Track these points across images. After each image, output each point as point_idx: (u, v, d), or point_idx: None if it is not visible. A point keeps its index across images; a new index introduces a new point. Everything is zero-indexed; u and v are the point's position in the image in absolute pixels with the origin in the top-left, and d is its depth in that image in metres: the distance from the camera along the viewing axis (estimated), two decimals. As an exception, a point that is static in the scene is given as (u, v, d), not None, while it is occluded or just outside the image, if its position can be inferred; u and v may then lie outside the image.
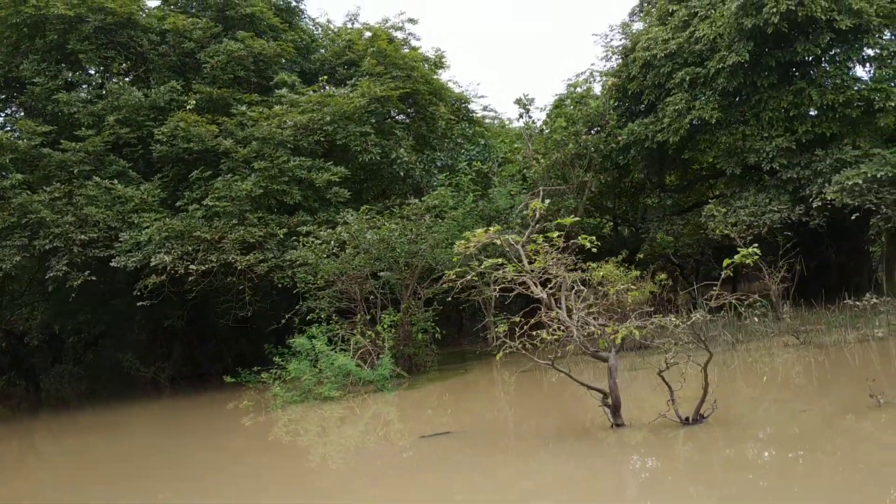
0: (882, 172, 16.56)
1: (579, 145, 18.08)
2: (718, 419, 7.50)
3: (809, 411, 7.80)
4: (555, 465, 7.11)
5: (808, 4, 16.95)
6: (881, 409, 7.07)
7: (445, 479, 7.06)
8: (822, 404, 8.32)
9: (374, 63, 20.79)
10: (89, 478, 9.64)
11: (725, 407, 8.33)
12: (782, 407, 8.34)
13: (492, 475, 7.10)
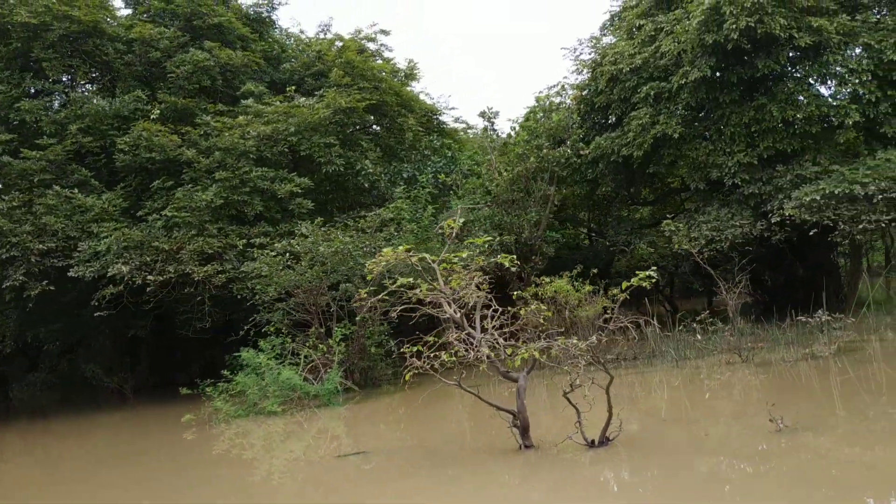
0: (839, 189, 16.62)
1: (540, 159, 18.10)
2: (624, 441, 7.47)
3: (713, 435, 7.78)
4: (449, 488, 7.05)
5: (767, 21, 17.04)
6: (781, 434, 7.05)
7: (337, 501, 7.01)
8: (729, 427, 8.27)
9: (341, 74, 20.80)
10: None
11: (637, 428, 8.34)
12: (690, 430, 8.30)
13: (386, 498, 7.04)
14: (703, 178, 19.38)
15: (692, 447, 7.42)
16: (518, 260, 19.01)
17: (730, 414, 8.93)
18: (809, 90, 17.82)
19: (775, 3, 17.30)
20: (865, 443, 6.97)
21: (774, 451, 6.80)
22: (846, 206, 16.80)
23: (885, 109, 17.85)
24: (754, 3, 16.97)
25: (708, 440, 7.51)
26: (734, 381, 10.88)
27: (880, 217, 16.47)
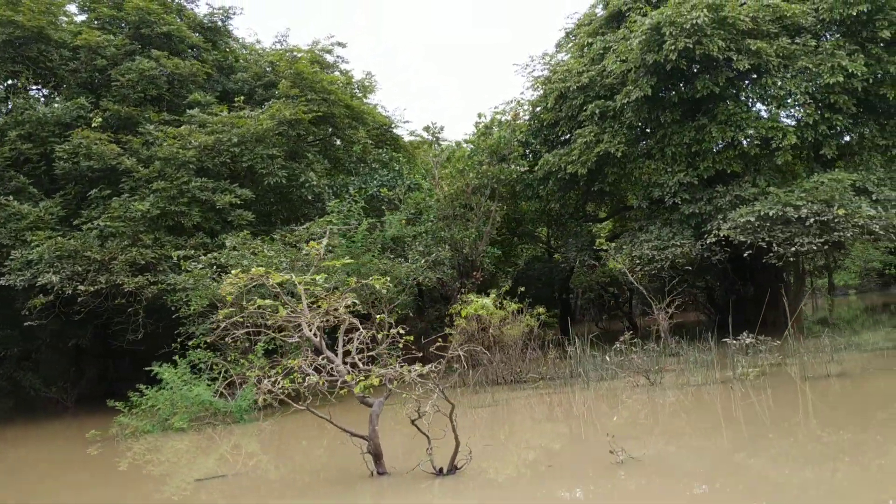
0: (773, 211, 16.69)
1: (480, 175, 18.07)
2: (473, 469, 7.36)
3: (555, 466, 7.68)
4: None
5: (705, 43, 17.15)
6: (622, 466, 6.96)
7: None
8: (574, 457, 8.15)
9: (288, 85, 20.71)
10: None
11: (491, 456, 8.26)
12: (537, 459, 8.18)
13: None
14: (646, 197, 19.44)
15: (533, 478, 7.30)
16: (458, 275, 18.99)
17: (586, 441, 8.80)
18: (749, 112, 17.91)
19: (715, 25, 17.43)
20: (704, 479, 6.90)
21: (603, 486, 6.72)
22: (781, 228, 16.87)
23: (824, 131, 18.00)
24: (693, 24, 17.09)
25: (549, 471, 7.40)
26: (626, 406, 10.80)
27: (813, 240, 16.54)
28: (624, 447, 7.29)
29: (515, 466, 7.84)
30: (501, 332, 14.08)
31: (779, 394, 10.50)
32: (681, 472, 7.07)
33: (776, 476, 6.72)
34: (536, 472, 7.59)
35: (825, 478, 6.57)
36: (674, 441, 8.56)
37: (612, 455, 7.02)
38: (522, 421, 10.72)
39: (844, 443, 7.77)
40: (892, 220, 16.50)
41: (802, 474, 6.70)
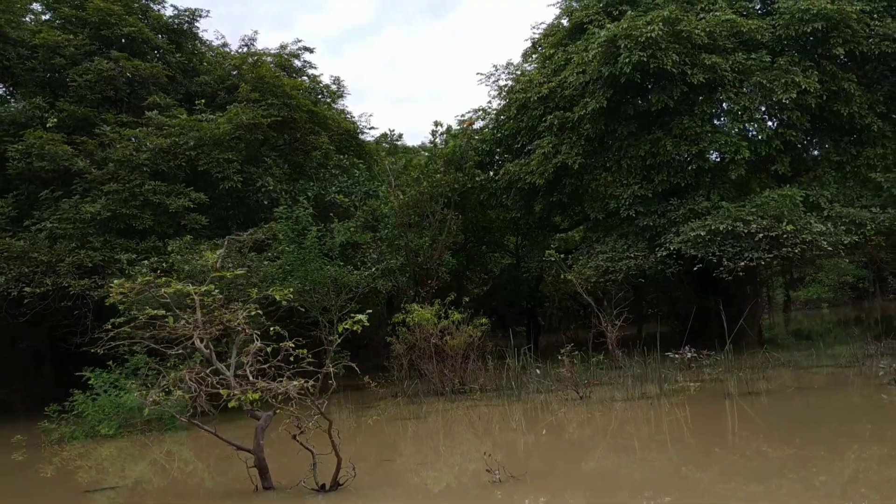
0: (723, 225, 16.73)
1: (433, 184, 18.04)
2: (358, 486, 7.29)
3: (431, 485, 7.59)
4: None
5: (659, 57, 17.19)
6: (498, 486, 6.89)
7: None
8: (456, 476, 8.06)
9: (248, 89, 20.63)
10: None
11: (382, 473, 8.22)
12: (423, 478, 8.09)
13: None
14: (602, 209, 19.45)
15: (405, 497, 7.24)
16: (414, 283, 18.93)
17: (475, 458, 8.71)
18: (703, 126, 17.95)
19: (670, 39, 17.48)
20: (576, 499, 6.92)
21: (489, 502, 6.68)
22: (731, 242, 16.90)
23: (778, 147, 18.07)
24: (648, 38, 17.13)
25: (424, 490, 7.32)
26: (542, 420, 10.76)
27: (762, 255, 16.59)
28: (508, 466, 7.22)
29: (396, 485, 7.75)
30: (443, 342, 14.03)
31: (697, 411, 10.48)
32: (556, 491, 7.00)
33: (653, 495, 6.71)
34: (411, 490, 7.50)
35: (725, 494, 6.55)
36: (567, 459, 8.56)
37: (488, 473, 6.96)
38: (436, 436, 10.65)
39: (738, 464, 7.74)
40: (841, 238, 16.56)
41: (685, 495, 6.67)
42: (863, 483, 6.50)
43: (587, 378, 12.98)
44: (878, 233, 17.12)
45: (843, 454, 7.64)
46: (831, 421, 9.34)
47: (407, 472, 8.42)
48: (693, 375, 14.09)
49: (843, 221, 17.15)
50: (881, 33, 18.20)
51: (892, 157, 18.17)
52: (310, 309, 16.75)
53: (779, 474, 6.99)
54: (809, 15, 17.80)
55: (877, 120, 18.28)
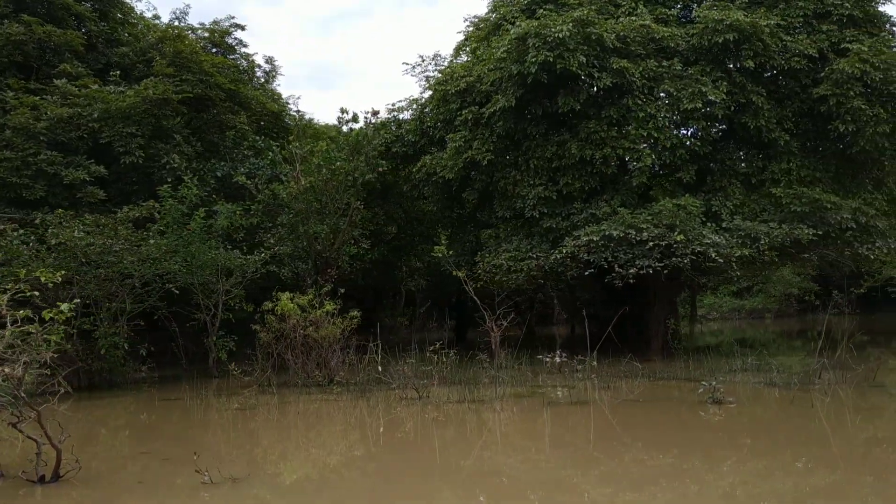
0: (617, 232, 16.67)
1: (333, 171, 17.81)
2: (82, 478, 7.11)
3: (154, 480, 7.44)
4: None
5: (566, 57, 17.04)
6: (207, 487, 6.74)
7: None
8: (183, 474, 7.81)
9: (164, 64, 20.26)
10: None
11: (120, 465, 8.08)
12: (151, 472, 7.90)
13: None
14: (510, 208, 19.33)
15: (117, 490, 7.07)
16: (314, 271, 18.72)
17: (231, 456, 8.57)
18: (608, 131, 17.83)
19: (580, 40, 17.32)
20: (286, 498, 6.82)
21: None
22: (624, 249, 16.85)
23: (683, 155, 18.02)
24: (556, 38, 16.97)
25: (142, 486, 7.16)
26: (365, 418, 10.65)
27: (653, 263, 16.55)
28: (224, 468, 7.09)
29: (115, 480, 7.51)
30: (311, 333, 13.85)
31: (516, 417, 10.42)
32: (261, 495, 6.89)
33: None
34: (121, 485, 7.29)
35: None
36: (308, 460, 8.42)
37: (198, 474, 6.82)
38: (233, 430, 10.49)
39: (522, 471, 7.66)
40: (733, 251, 16.56)
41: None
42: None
43: (437, 376, 12.84)
44: (772, 248, 17.10)
45: (589, 471, 7.61)
46: (614, 435, 9.30)
47: (143, 467, 8.19)
48: (560, 380, 14.05)
49: (739, 234, 17.14)
50: (793, 49, 18.17)
51: (796, 173, 18.15)
52: (195, 292, 16.52)
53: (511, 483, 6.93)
54: (722, 26, 17.73)
55: (784, 135, 18.27)
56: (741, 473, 7.22)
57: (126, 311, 15.18)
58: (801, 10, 18.77)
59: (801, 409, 10.00)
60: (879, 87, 17.52)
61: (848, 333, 13.76)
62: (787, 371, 12.94)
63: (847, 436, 8.62)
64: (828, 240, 17.70)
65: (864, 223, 17.53)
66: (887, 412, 10.40)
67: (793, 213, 17.43)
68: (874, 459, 7.77)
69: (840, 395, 10.76)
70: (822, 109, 17.91)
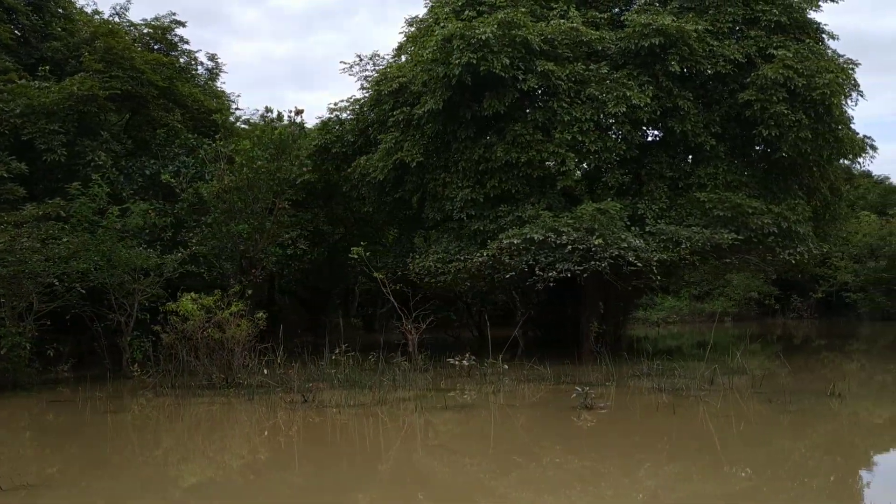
0: (538, 235, 16.63)
1: (254, 170, 17.64)
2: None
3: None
4: None
5: (490, 59, 16.97)
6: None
7: None
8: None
9: (95, 59, 19.97)
10: None
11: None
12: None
13: None
14: (440, 210, 19.24)
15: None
16: (238, 272, 18.51)
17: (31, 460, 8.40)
18: (534, 134, 17.77)
19: (505, 42, 17.26)
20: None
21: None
22: (545, 252, 16.81)
23: (608, 159, 18.02)
24: (480, 40, 16.89)
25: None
26: (218, 422, 10.57)
27: (573, 267, 16.53)
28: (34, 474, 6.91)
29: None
30: (212, 334, 13.66)
31: (385, 422, 10.35)
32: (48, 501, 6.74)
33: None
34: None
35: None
36: (108, 467, 8.33)
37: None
38: (88, 433, 10.37)
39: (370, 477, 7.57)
40: (652, 255, 16.56)
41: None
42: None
43: (308, 382, 12.69)
44: (693, 252, 17.12)
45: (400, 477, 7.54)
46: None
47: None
48: (471, 384, 13.98)
49: (662, 238, 17.16)
50: (720, 54, 18.23)
51: (722, 177, 18.20)
52: (111, 291, 16.29)
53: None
54: (649, 30, 17.75)
55: (711, 139, 18.32)
56: (557, 475, 7.18)
57: (33, 311, 14.92)
58: (730, 16, 18.84)
59: (663, 416, 9.98)
60: (802, 93, 17.59)
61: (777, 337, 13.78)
62: (688, 376, 12.93)
63: (685, 442, 8.63)
64: (750, 244, 17.78)
65: (785, 228, 17.62)
66: (747, 419, 10.14)
67: (716, 217, 17.49)
68: (701, 467, 7.78)
69: (711, 403, 10.68)
70: (748, 114, 17.98)
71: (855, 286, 39.91)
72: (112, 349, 17.66)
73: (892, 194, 50.06)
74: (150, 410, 12.00)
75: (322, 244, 24.53)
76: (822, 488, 6.95)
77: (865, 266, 38.87)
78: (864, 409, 10.63)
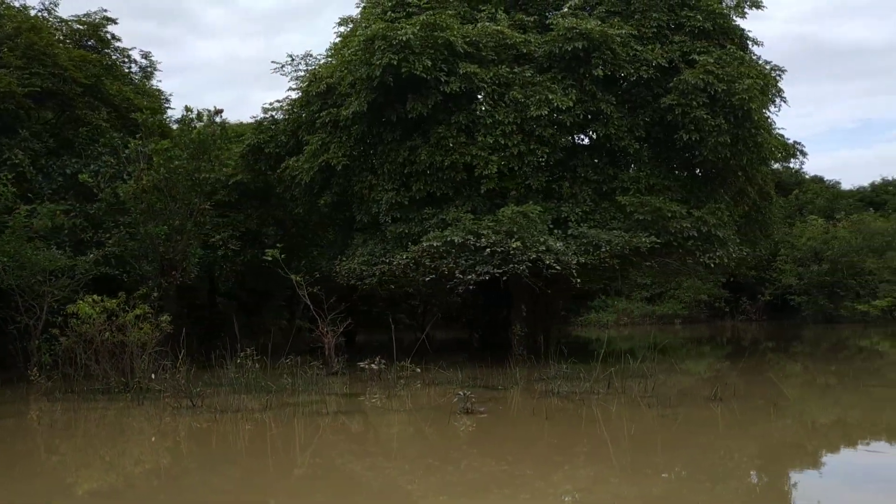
0: (458, 237, 16.59)
1: (170, 171, 17.34)
2: None
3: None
4: None
5: (411, 61, 16.89)
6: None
7: None
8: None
9: (12, 56, 19.46)
10: None
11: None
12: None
13: None
14: (367, 212, 19.10)
15: None
16: (159, 273, 18.15)
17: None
18: (457, 137, 17.73)
19: (427, 44, 17.19)
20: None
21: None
22: (466, 255, 16.78)
23: (532, 162, 18.02)
24: (401, 41, 16.81)
25: None
26: (95, 426, 10.37)
27: (492, 269, 16.52)
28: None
29: None
30: (110, 337, 13.36)
31: (258, 427, 10.20)
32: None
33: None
34: None
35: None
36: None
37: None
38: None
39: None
40: (571, 259, 16.61)
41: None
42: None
43: (197, 387, 12.46)
44: (613, 255, 17.21)
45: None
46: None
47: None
48: (382, 388, 13.87)
49: (582, 242, 17.22)
50: (644, 59, 18.37)
51: (645, 181, 18.32)
52: (18, 293, 15.86)
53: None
54: (573, 34, 17.81)
55: (634, 143, 18.44)
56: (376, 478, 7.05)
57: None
58: (655, 21, 19.00)
59: (534, 421, 9.99)
60: (723, 99, 17.79)
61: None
62: (591, 379, 12.96)
63: (529, 448, 8.63)
64: (670, 248, 17.93)
65: (705, 232, 17.80)
66: (612, 424, 10.06)
67: (637, 221, 17.60)
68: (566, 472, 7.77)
69: (592, 408, 10.69)
70: (670, 119, 18.15)
71: (799, 289, 40.57)
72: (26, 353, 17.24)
73: (840, 199, 51.08)
74: (40, 416, 11.66)
75: (258, 246, 24.21)
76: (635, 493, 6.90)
77: (809, 269, 39.57)
78: (740, 413, 10.60)
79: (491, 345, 24.02)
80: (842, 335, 33.60)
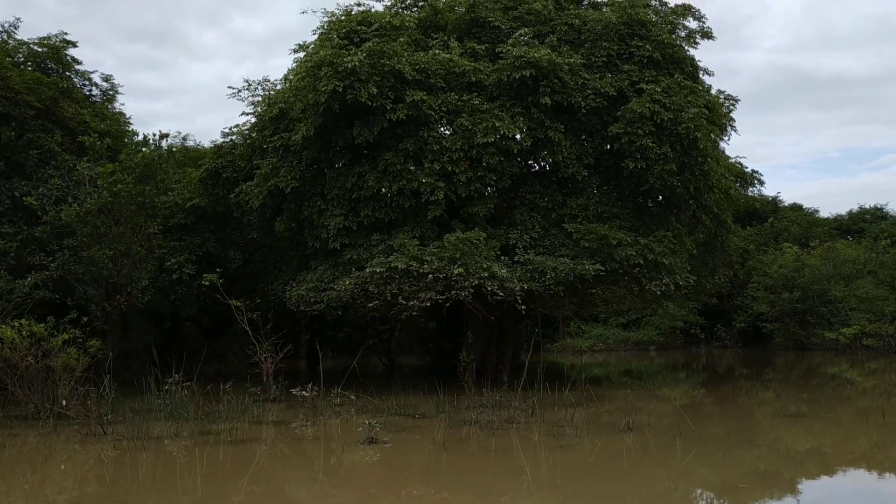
0: (401, 263, 16.53)
1: (114, 194, 17.26)
2: None
3: None
4: None
5: (357, 88, 16.95)
6: None
7: None
8: None
9: (-36, 78, 19.45)
10: None
11: None
12: None
13: None
14: (317, 238, 19.03)
15: None
16: (105, 298, 17.97)
17: None
18: (404, 164, 17.74)
19: (374, 71, 17.26)
20: None
21: None
22: (410, 281, 16.70)
23: (478, 189, 18.04)
24: (347, 68, 16.88)
25: None
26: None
27: (435, 296, 16.45)
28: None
29: None
30: (32, 363, 13.14)
31: (150, 456, 10.02)
32: None
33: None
34: None
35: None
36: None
37: None
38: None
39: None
40: (515, 285, 16.56)
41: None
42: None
43: (110, 413, 12.24)
44: (558, 283, 17.17)
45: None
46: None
47: None
48: (310, 415, 13.69)
49: (528, 269, 17.18)
50: (593, 87, 18.52)
51: (593, 209, 18.36)
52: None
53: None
54: (521, 62, 17.95)
55: (582, 171, 18.51)
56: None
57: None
58: (605, 50, 19.20)
59: (433, 452, 9.86)
60: (669, 127, 17.93)
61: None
62: (518, 407, 12.81)
63: (415, 479, 8.47)
64: (616, 276, 17.90)
65: (651, 260, 17.80)
66: (511, 455, 9.90)
67: (583, 248, 17.60)
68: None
69: (502, 437, 10.53)
70: (617, 147, 18.25)
71: (770, 316, 40.58)
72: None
73: (815, 227, 51.32)
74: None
75: (215, 270, 24.05)
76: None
77: (780, 297, 39.62)
78: (650, 442, 10.47)
79: (443, 372, 23.87)
80: (812, 362, 33.57)
